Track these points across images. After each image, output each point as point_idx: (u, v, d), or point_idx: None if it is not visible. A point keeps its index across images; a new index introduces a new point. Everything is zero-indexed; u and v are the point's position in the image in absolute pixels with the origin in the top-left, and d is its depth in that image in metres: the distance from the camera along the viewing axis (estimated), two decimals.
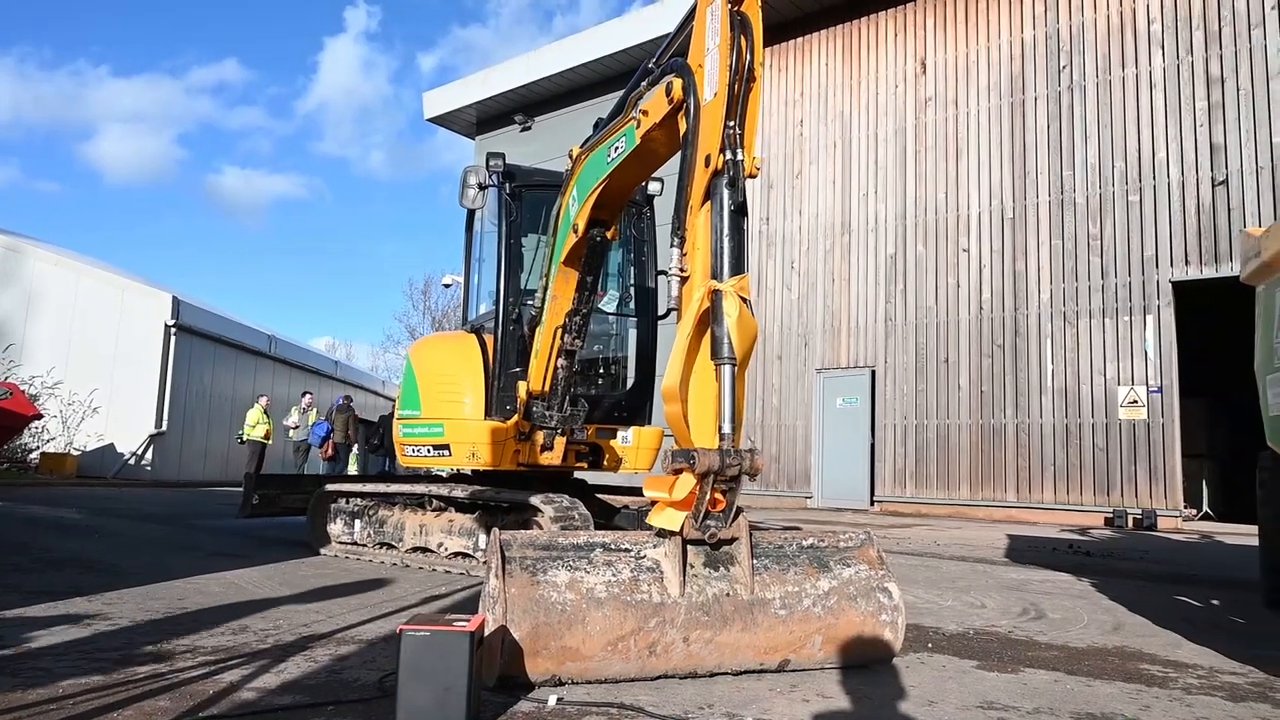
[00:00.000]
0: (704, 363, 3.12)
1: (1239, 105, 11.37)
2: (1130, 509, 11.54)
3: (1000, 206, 13.10)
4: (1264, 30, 11.29)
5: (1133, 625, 4.53)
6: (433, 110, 21.09)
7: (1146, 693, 3.17)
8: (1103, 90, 12.41)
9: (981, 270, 13.19)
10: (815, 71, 15.35)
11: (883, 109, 14.48)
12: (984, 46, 13.51)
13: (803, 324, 14.96)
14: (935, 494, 13.28)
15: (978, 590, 5.59)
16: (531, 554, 2.98)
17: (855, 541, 3.42)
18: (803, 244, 15.14)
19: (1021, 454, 12.57)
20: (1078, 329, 12.25)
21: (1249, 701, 3.09)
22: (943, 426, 13.29)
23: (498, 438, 5.57)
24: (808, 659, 3.16)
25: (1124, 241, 12.02)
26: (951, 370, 13.30)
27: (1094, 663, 3.63)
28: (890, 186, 14.23)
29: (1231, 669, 3.58)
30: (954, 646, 3.85)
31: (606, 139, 4.30)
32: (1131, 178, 12.05)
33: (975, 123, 13.47)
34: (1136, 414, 11.71)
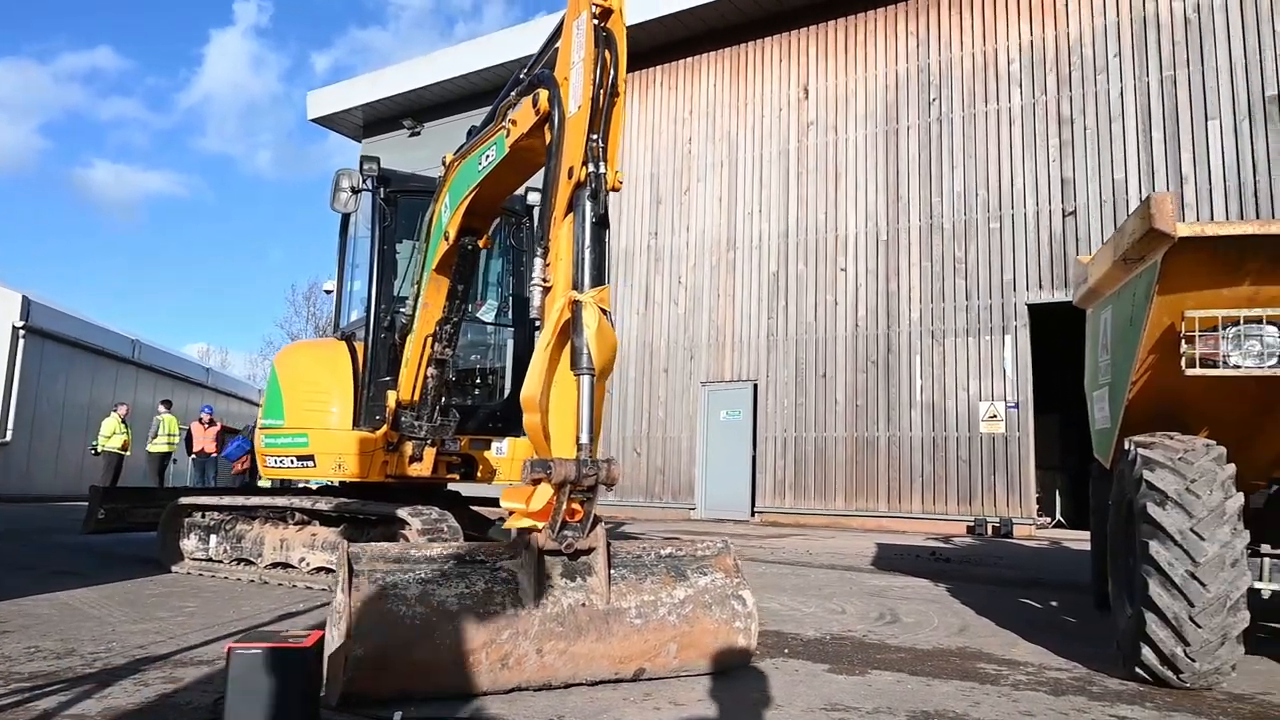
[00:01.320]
0: (564, 373, 3.13)
1: (1087, 143, 12.29)
2: (990, 518, 12.21)
3: (875, 229, 13.70)
4: (1108, 76, 12.25)
5: (977, 627, 4.79)
6: (317, 110, 20.42)
7: (979, 690, 3.36)
8: (969, 123, 13.18)
9: (858, 289, 13.74)
10: (704, 91, 15.70)
11: (768, 131, 14.93)
12: (862, 76, 14.13)
13: (689, 338, 15.20)
14: (813, 504, 13.70)
15: (840, 597, 5.79)
16: (382, 567, 2.91)
17: (713, 550, 3.49)
18: (690, 259, 15.40)
19: (893, 466, 13.12)
20: (944, 347, 12.92)
21: (1068, 695, 3.32)
22: (821, 439, 13.74)
23: (366, 448, 5.42)
24: (663, 667, 3.20)
25: (986, 265, 12.77)
26: (829, 385, 13.77)
27: (937, 663, 3.82)
28: (774, 206, 14.67)
29: (1058, 665, 3.84)
30: (809, 651, 3.98)
31: (478, 147, 4.28)
32: (993, 206, 12.82)
33: (853, 148, 14.06)
34: (996, 428, 12.43)
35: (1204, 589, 3.15)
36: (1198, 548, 3.17)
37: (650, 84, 16.32)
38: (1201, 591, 3.15)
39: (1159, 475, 3.33)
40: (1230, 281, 3.16)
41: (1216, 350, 3.24)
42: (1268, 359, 3.17)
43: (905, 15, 13.87)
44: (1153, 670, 3.35)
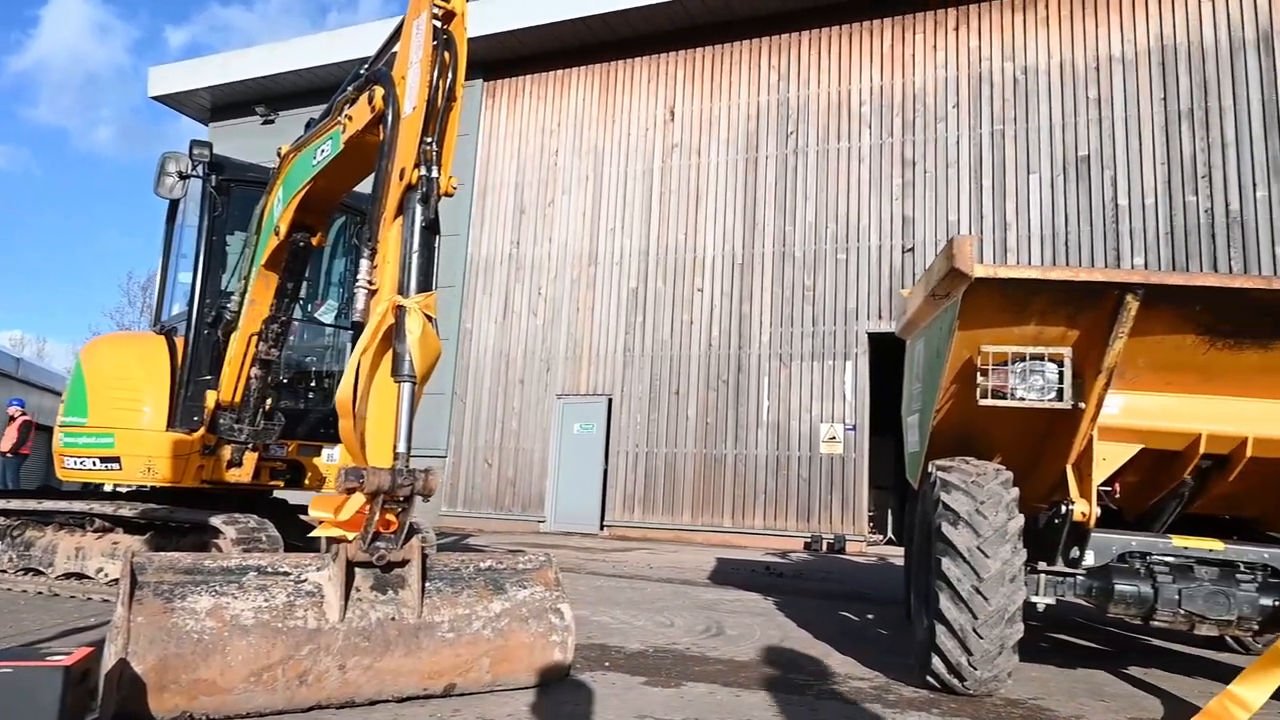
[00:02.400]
0: (384, 379, 3.04)
1: (926, 185, 13.17)
2: (825, 534, 12.78)
3: (732, 252, 14.13)
4: (947, 125, 13.20)
5: (796, 639, 4.98)
6: (160, 88, 19.08)
7: (785, 699, 3.49)
8: (822, 158, 13.85)
9: (713, 310, 14.12)
10: (573, 105, 15.77)
11: (634, 149, 15.15)
12: (725, 104, 14.59)
13: (546, 349, 15.15)
14: (661, 519, 13.90)
15: (672, 610, 5.89)
16: (170, 578, 2.72)
17: (534, 564, 3.47)
18: (551, 271, 15.38)
19: (738, 482, 13.52)
20: (790, 370, 13.46)
21: (865, 704, 3.50)
22: (671, 455, 13.98)
23: (180, 451, 5.07)
24: (475, 682, 3.15)
25: (832, 294, 13.42)
26: (682, 401, 14.05)
27: (751, 674, 3.94)
28: (636, 223, 14.88)
29: (863, 675, 4.05)
30: (630, 664, 4.02)
31: (313, 140, 4.12)
32: (841, 238, 13.51)
33: (714, 173, 14.48)
34: (835, 449, 13.05)
35: (986, 602, 3.40)
36: (983, 564, 3.42)
37: (519, 93, 16.24)
38: (984, 604, 3.40)
39: (954, 497, 3.58)
40: (1019, 320, 3.45)
41: (1006, 383, 3.53)
42: (1047, 393, 3.48)
43: (768, 49, 14.45)
44: (941, 678, 3.59)
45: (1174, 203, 11.84)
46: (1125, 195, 12.08)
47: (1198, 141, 11.83)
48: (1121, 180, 12.14)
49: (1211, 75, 11.89)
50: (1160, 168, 11.96)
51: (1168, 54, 12.16)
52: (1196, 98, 11.92)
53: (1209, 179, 11.71)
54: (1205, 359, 3.43)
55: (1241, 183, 11.56)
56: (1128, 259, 11.91)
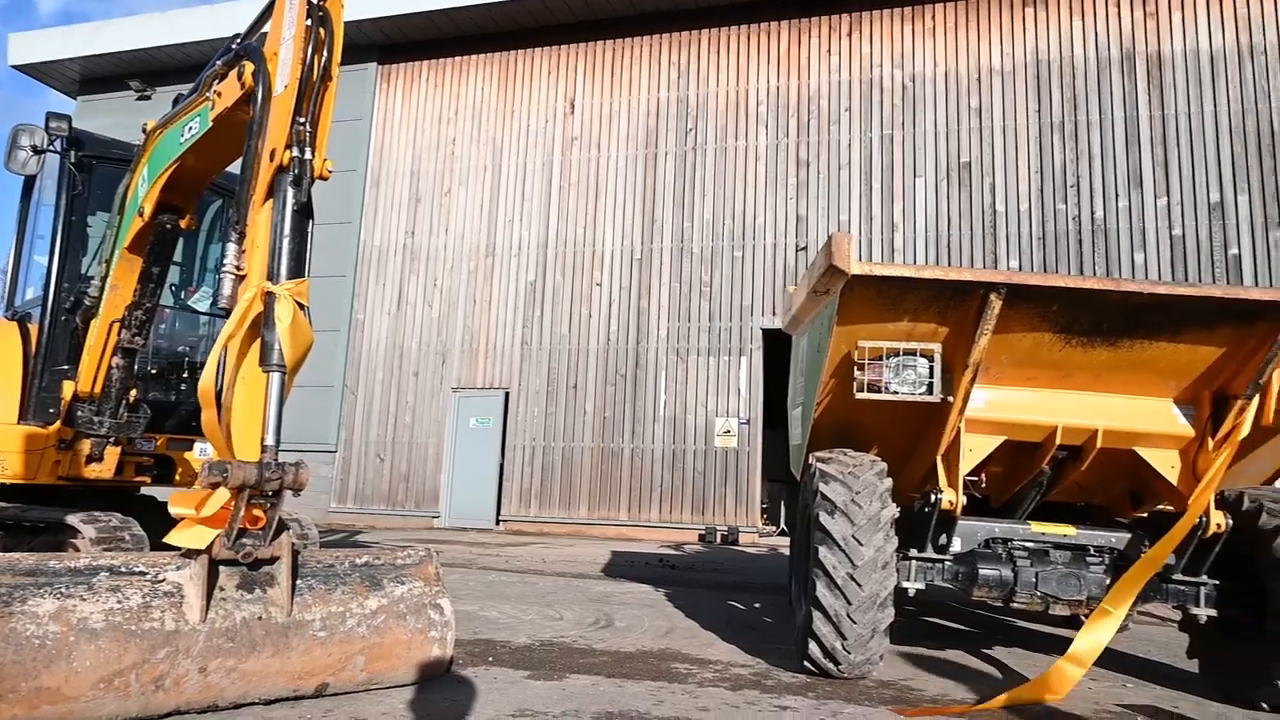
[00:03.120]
0: (252, 369, 2.91)
1: (819, 186, 13.54)
2: (719, 526, 13.01)
3: (631, 247, 14.19)
4: (839, 128, 13.61)
5: (683, 629, 5.05)
6: (21, 57, 17.71)
7: (666, 688, 3.53)
8: (720, 156, 14.06)
9: (611, 304, 14.14)
10: (471, 94, 15.49)
11: (533, 141, 15.00)
12: (625, 99, 14.62)
13: (442, 342, 14.86)
14: (558, 513, 13.85)
15: (563, 604, 5.87)
16: (8, 581, 2.53)
17: (414, 559, 3.39)
18: (447, 262, 15.08)
19: (635, 476, 13.60)
20: (688, 364, 13.62)
21: (745, 689, 3.58)
22: (569, 449, 13.94)
23: (33, 446, 4.73)
24: (350, 681, 3.06)
25: (729, 290, 13.65)
26: (579, 395, 14.03)
27: (635, 665, 3.97)
28: (535, 216, 14.74)
29: (744, 662, 4.13)
30: (515, 659, 3.99)
31: (181, 117, 3.90)
32: (737, 236, 13.75)
33: (614, 167, 14.49)
34: (729, 443, 13.29)
35: (860, 588, 3.53)
36: (857, 552, 3.55)
37: (416, 79, 15.85)
38: (858, 591, 3.53)
39: (831, 487, 3.70)
40: (893, 317, 3.59)
41: (881, 377, 3.66)
42: (919, 387, 3.63)
43: (668, 46, 14.55)
44: (818, 663, 3.70)
45: (1046, 209, 12.56)
46: (1002, 201, 12.73)
47: (1067, 153, 12.58)
48: (999, 187, 12.79)
49: (1080, 91, 12.66)
50: (1034, 176, 12.67)
51: (1042, 69, 12.88)
52: (1067, 111, 12.66)
53: (1077, 188, 12.47)
54: (1061, 356, 3.64)
55: (1105, 193, 12.35)
56: (1004, 261, 12.56)
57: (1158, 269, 11.95)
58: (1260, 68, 11.98)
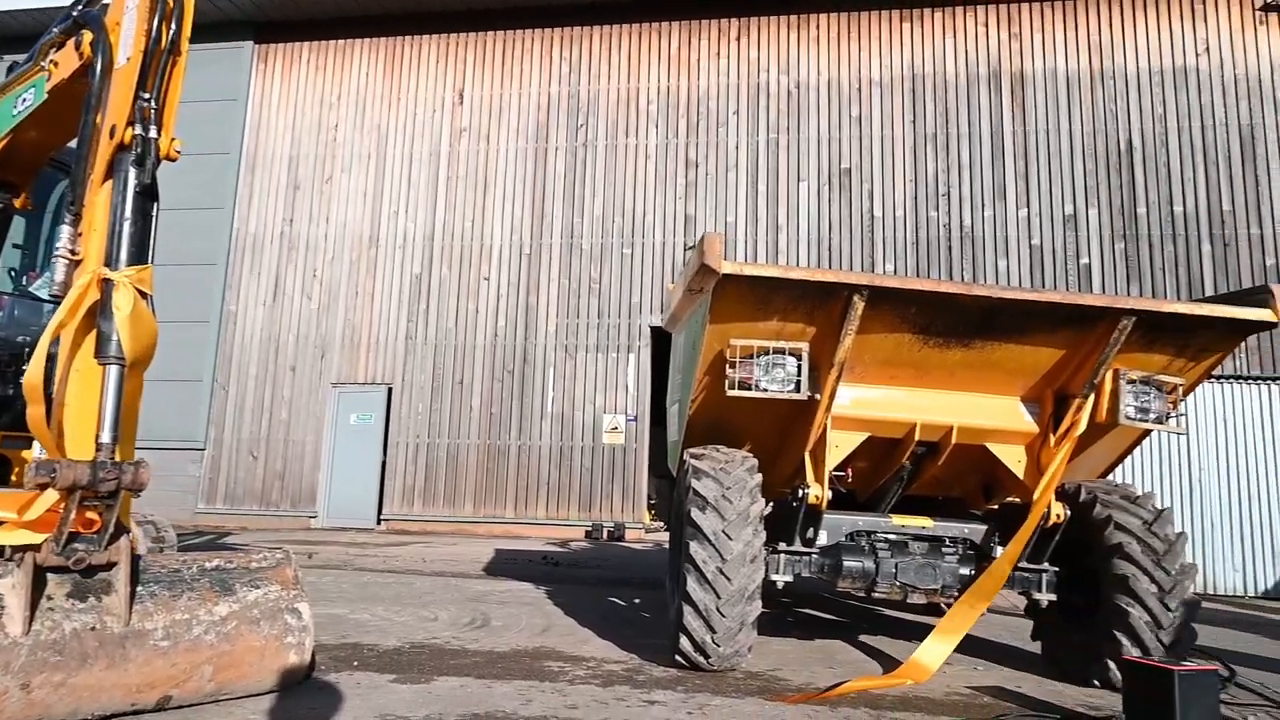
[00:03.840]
0: (88, 361, 2.70)
1: (707, 186, 13.75)
2: (606, 523, 13.04)
3: (520, 242, 14.03)
4: (728, 130, 13.86)
5: (560, 626, 5.03)
6: None
7: (536, 687, 3.50)
8: (611, 153, 14.08)
9: (499, 299, 13.95)
10: (355, 79, 14.96)
11: (420, 130, 14.63)
12: (516, 91, 14.45)
13: (321, 335, 14.30)
14: (442, 511, 13.57)
15: (439, 604, 5.75)
16: None
17: (270, 561, 3.24)
18: (328, 252, 14.52)
19: (522, 473, 13.47)
20: (576, 361, 13.59)
21: (615, 685, 3.59)
22: (454, 446, 13.68)
23: None
24: (196, 692, 2.89)
25: (618, 287, 13.69)
26: (465, 391, 13.78)
27: (507, 664, 3.92)
28: (421, 207, 14.38)
29: (618, 658, 4.15)
30: (382, 663, 3.87)
31: (14, 87, 3.59)
32: (627, 233, 13.81)
33: (503, 160, 14.30)
34: (616, 439, 13.34)
35: (729, 582, 3.59)
36: (727, 546, 3.61)
37: (296, 60, 15.19)
38: (727, 584, 3.59)
39: (703, 483, 3.75)
40: (763, 316, 3.67)
41: (751, 375, 3.74)
42: (787, 385, 3.73)
43: (559, 41, 14.46)
44: (688, 656, 3.75)
45: (919, 216, 13.15)
46: (880, 207, 13.26)
47: (939, 163, 13.21)
48: (877, 193, 13.31)
49: (952, 105, 13.32)
50: (909, 184, 13.24)
51: (917, 83, 13.47)
52: (939, 124, 13.30)
53: (948, 197, 13.11)
54: (920, 355, 3.81)
55: (973, 202, 13.04)
56: (880, 265, 13.08)
57: (1019, 275, 12.71)
58: (1110, 91, 12.90)
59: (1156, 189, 12.59)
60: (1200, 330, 3.64)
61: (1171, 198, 12.52)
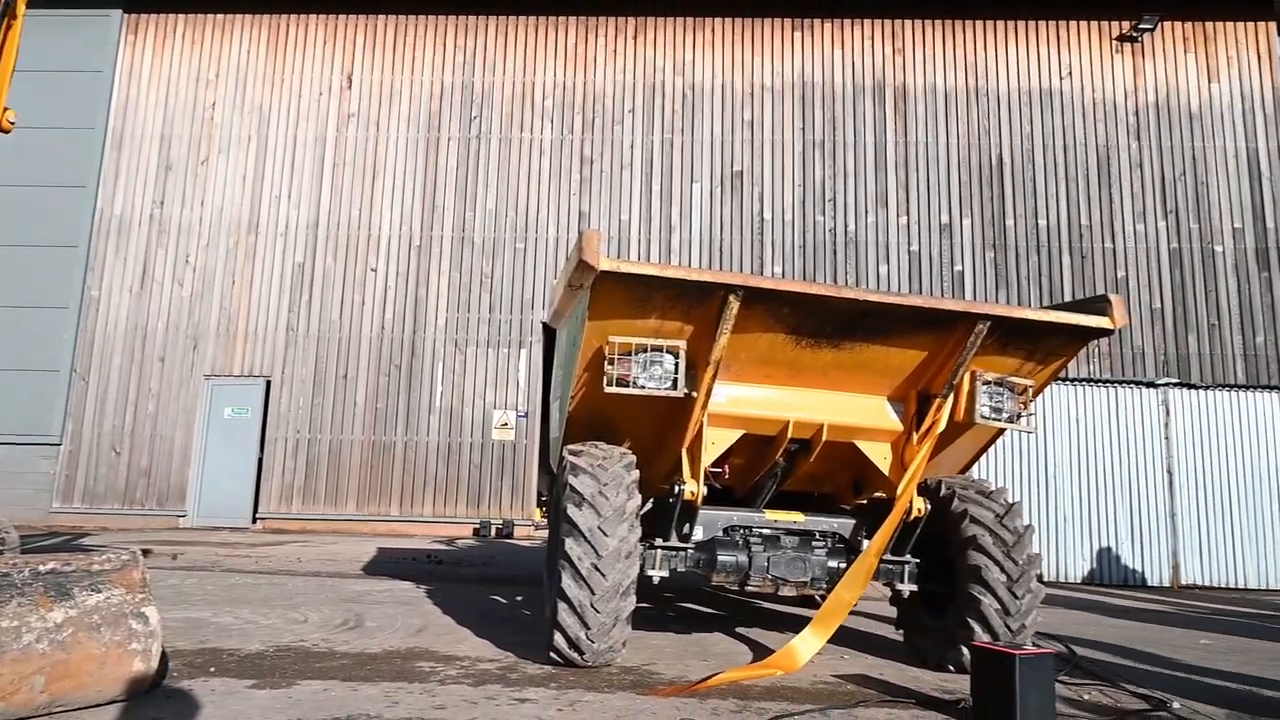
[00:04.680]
0: None
1: (602, 184, 13.77)
2: (494, 520, 12.89)
3: (410, 233, 13.70)
4: (623, 128, 13.91)
5: (437, 626, 4.93)
6: None
7: (404, 689, 3.42)
8: (505, 146, 13.91)
9: (387, 291, 13.58)
10: (235, 56, 14.26)
11: (305, 113, 14.07)
12: (408, 78, 14.08)
13: (193, 325, 13.57)
14: (324, 510, 13.11)
15: (311, 605, 5.55)
16: None
17: (114, 564, 3.05)
18: (202, 237, 13.79)
19: (408, 470, 13.16)
20: (466, 356, 13.37)
21: (487, 684, 3.55)
22: (336, 441, 13.23)
23: None
24: (25, 705, 2.69)
25: (510, 282, 13.55)
26: (350, 385, 13.35)
27: (377, 666, 3.82)
28: (306, 193, 13.85)
29: (493, 657, 4.10)
30: (242, 668, 3.70)
31: None
32: (520, 228, 13.68)
33: (394, 148, 13.92)
34: (507, 435, 13.20)
35: (604, 578, 3.61)
36: (602, 543, 3.62)
37: (170, 33, 14.35)
38: (602, 580, 3.60)
39: (580, 480, 3.75)
40: (642, 314, 3.70)
41: (630, 372, 3.76)
42: (664, 382, 3.77)
43: (453, 29, 14.19)
44: (563, 653, 3.74)
45: (807, 220, 13.55)
46: (769, 210, 13.59)
47: (826, 169, 13.65)
48: (767, 196, 13.64)
49: (839, 114, 13.78)
50: (797, 189, 13.63)
51: (807, 90, 13.87)
52: (826, 131, 13.74)
53: (834, 202, 13.56)
54: (793, 355, 3.92)
55: (857, 209, 13.53)
56: (769, 267, 13.42)
57: (898, 280, 13.27)
58: (983, 109, 13.63)
59: (1023, 203, 13.38)
60: (1047, 335, 3.89)
61: (1036, 211, 13.33)
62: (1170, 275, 13.10)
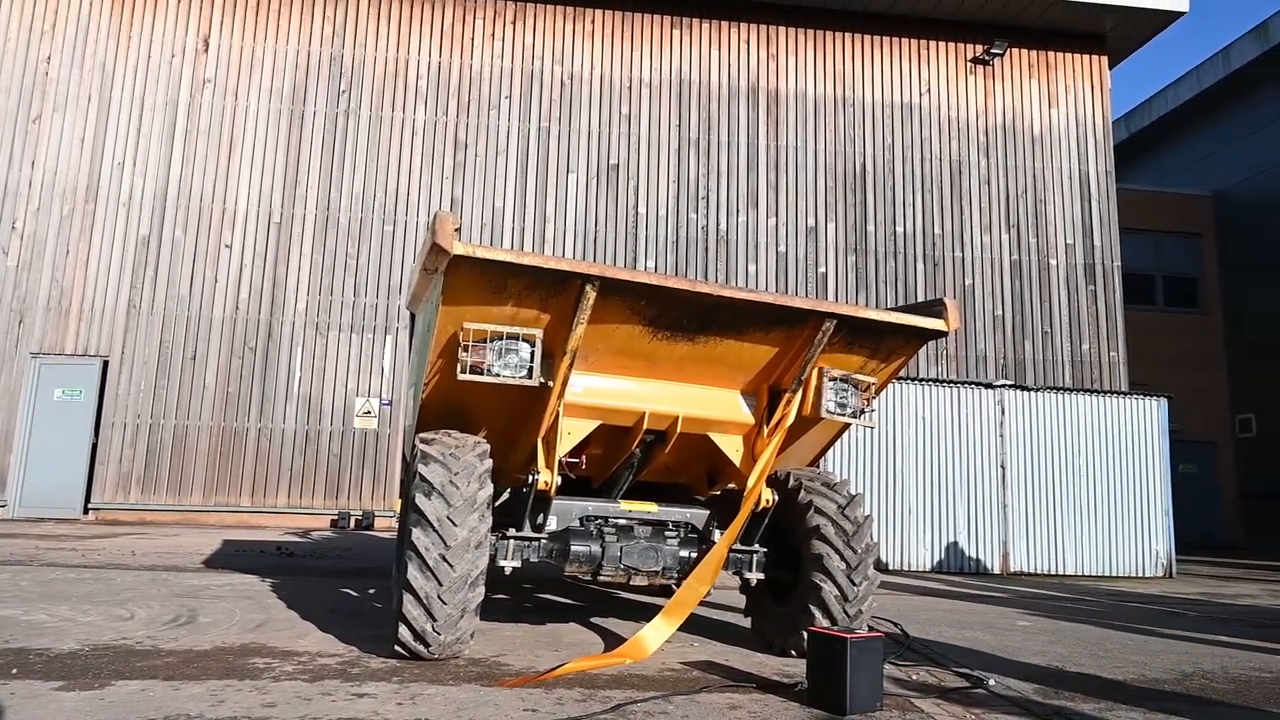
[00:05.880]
0: None
1: (476, 169, 13.52)
2: (354, 511, 12.47)
3: (270, 210, 13.02)
4: (499, 114, 13.69)
5: (279, 620, 4.71)
6: None
7: (233, 686, 3.25)
8: (375, 125, 13.42)
9: (243, 269, 12.86)
10: (75, 7, 13.12)
11: (154, 75, 13.12)
12: (272, 46, 13.37)
13: (20, 298, 12.43)
14: (166, 499, 12.31)
15: (139, 601, 5.19)
16: None
17: None
18: (32, 202, 12.64)
19: (261, 458, 12.53)
20: (328, 340, 12.84)
21: (325, 680, 3.41)
22: (181, 427, 12.44)
23: None
24: None
25: (376, 266, 13.11)
26: (199, 368, 12.58)
27: (205, 664, 3.61)
28: (154, 161, 12.92)
29: (335, 652, 3.95)
30: (51, 668, 3.42)
31: None
32: (389, 210, 13.25)
33: (254, 119, 13.19)
34: (369, 423, 12.78)
35: (452, 569, 3.54)
36: (451, 533, 3.55)
37: None
38: (449, 571, 3.53)
39: (431, 469, 3.66)
40: (498, 301, 3.64)
41: (484, 360, 3.70)
42: (519, 371, 3.73)
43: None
44: (408, 646, 3.65)
45: (681, 216, 13.76)
46: (644, 204, 13.71)
47: (700, 167, 13.89)
48: (643, 191, 13.76)
49: (714, 113, 14.05)
50: (672, 185, 13.81)
51: (685, 88, 14.07)
52: (702, 130, 13.98)
53: (707, 200, 13.83)
54: (650, 347, 3.97)
55: (729, 207, 13.85)
56: (643, 261, 13.54)
57: (767, 280, 13.68)
58: (849, 118, 14.22)
59: (884, 210, 14.05)
60: (889, 335, 4.09)
61: (895, 219, 14.03)
62: (1011, 285, 14.09)
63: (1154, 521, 10.27)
